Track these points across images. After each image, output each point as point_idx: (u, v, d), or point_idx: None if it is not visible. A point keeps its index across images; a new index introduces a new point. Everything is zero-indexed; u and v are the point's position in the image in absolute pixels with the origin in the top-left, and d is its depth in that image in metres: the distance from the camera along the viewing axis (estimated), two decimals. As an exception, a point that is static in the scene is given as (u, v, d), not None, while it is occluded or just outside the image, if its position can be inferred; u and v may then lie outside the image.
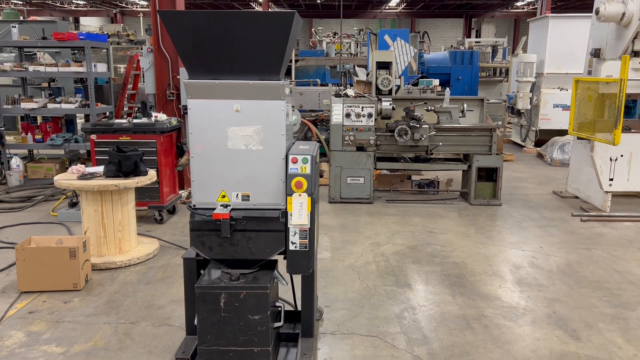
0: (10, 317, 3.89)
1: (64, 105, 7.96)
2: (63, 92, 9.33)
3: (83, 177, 4.87)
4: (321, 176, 8.33)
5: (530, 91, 11.26)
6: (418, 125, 6.88)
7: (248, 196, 3.07)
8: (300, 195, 2.94)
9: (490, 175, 7.31)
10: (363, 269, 4.86)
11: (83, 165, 5.12)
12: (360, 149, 7.13)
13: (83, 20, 31.21)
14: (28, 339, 3.57)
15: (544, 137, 11.33)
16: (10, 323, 3.80)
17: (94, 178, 4.86)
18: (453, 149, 7.26)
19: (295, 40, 3.11)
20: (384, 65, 7.69)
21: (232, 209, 3.03)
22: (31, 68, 7.89)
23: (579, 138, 7.17)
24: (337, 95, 7.24)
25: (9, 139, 8.39)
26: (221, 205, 3.03)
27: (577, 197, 7.49)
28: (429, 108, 7.21)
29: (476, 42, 21.13)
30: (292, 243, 3.00)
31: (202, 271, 3.19)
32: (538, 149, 11.23)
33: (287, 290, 3.75)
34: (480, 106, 7.65)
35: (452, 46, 21.50)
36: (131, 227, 5.11)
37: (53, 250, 4.28)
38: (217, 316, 3.01)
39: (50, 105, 7.97)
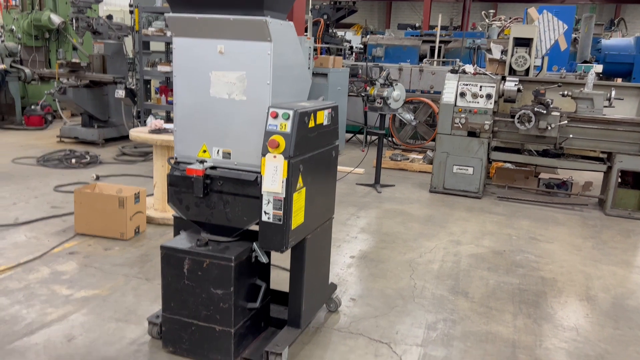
0: (52, 254, 4.04)
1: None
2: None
3: (154, 131, 4.91)
4: (431, 163, 7.51)
5: None
6: (545, 112, 5.75)
7: (229, 154, 2.68)
8: (275, 157, 2.46)
9: (638, 180, 5.85)
10: (422, 266, 4.15)
11: (162, 121, 5.17)
12: (472, 134, 6.21)
13: None
14: (49, 277, 3.65)
15: None
16: (48, 259, 3.94)
17: (163, 133, 4.87)
18: (590, 145, 5.94)
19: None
20: (524, 42, 6.61)
21: (210, 167, 2.67)
22: (169, 33, 8.39)
23: None
24: (453, 71, 6.39)
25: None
26: (198, 161, 2.68)
27: None
28: (566, 93, 5.97)
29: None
30: (265, 213, 2.54)
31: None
32: None
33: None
34: (638, 95, 6.14)
35: (652, 35, 18.17)
36: (197, 187, 5.04)
37: (104, 198, 4.36)
38: (180, 283, 2.69)
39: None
